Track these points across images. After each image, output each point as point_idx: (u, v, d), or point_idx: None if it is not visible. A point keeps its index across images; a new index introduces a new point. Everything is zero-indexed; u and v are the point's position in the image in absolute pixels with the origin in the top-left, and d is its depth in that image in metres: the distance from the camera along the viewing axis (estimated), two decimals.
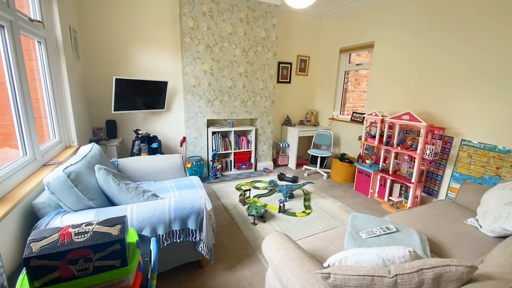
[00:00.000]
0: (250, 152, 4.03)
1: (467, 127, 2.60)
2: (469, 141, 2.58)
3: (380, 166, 3.15)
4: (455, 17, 2.61)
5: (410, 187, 2.79)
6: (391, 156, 3.01)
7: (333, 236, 1.59)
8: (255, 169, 4.15)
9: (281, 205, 2.74)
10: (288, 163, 4.45)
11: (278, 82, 4.34)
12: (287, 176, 3.71)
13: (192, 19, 3.21)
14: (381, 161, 3.14)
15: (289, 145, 4.36)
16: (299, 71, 4.51)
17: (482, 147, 2.48)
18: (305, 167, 4.18)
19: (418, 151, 2.67)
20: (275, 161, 4.47)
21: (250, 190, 3.03)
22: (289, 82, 4.46)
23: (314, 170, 4.09)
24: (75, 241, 0.85)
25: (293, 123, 4.52)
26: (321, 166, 4.22)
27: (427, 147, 2.63)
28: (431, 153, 2.61)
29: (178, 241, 1.55)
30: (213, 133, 3.70)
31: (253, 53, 3.70)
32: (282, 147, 4.42)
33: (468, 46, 2.53)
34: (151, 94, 3.26)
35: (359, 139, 3.46)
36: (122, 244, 0.89)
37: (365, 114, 3.52)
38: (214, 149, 3.72)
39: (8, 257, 1.20)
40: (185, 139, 3.58)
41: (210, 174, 3.72)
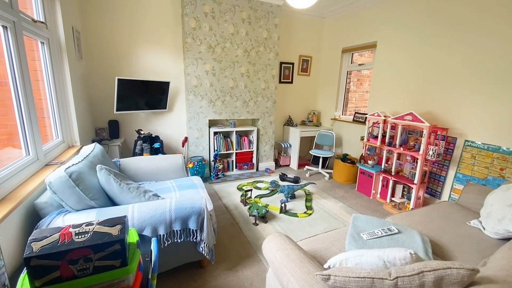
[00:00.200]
0: (251, 152, 4.03)
1: (470, 128, 2.57)
2: (473, 142, 2.56)
3: (382, 166, 3.13)
4: (458, 17, 2.59)
5: (412, 188, 2.77)
6: (394, 156, 2.99)
7: (334, 237, 1.58)
8: (257, 169, 4.14)
9: (283, 205, 2.74)
10: (290, 164, 4.44)
11: (280, 82, 4.33)
12: (288, 176, 3.71)
13: (194, 20, 3.22)
14: (383, 162, 3.12)
15: (291, 146, 4.35)
16: (301, 71, 4.50)
17: (485, 148, 2.46)
18: (307, 167, 4.17)
19: (420, 151, 2.65)
20: (276, 162, 4.46)
21: (251, 190, 3.03)
22: (291, 82, 4.45)
23: (316, 170, 4.08)
24: (76, 241, 0.85)
25: (295, 123, 4.51)
26: (323, 166, 4.21)
27: (430, 148, 2.61)
28: (434, 153, 2.59)
29: (179, 241, 1.55)
30: (215, 133, 3.70)
31: (255, 53, 3.69)
32: (284, 147, 4.42)
33: (471, 46, 2.51)
34: (153, 94, 3.27)
35: (361, 139, 3.44)
36: (122, 244, 0.89)
37: (367, 114, 3.50)
38: (215, 149, 3.73)
39: (10, 256, 1.21)
40: (187, 139, 3.59)
41: (211, 174, 3.72)
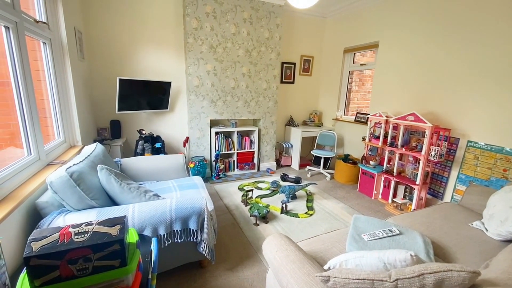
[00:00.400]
0: (253, 152, 4.02)
1: (473, 128, 2.55)
2: (476, 143, 2.53)
3: (384, 167, 3.12)
4: (460, 17, 2.57)
5: (414, 189, 2.75)
6: (396, 157, 2.97)
7: (335, 238, 1.57)
8: (258, 169, 4.14)
9: (284, 206, 2.73)
10: (291, 164, 4.43)
11: (281, 82, 4.33)
12: (290, 176, 3.70)
13: (195, 20, 3.22)
14: (385, 162, 3.11)
15: (292, 146, 4.35)
16: (303, 71, 4.49)
17: (489, 148, 2.44)
18: (308, 167, 4.16)
19: (423, 152, 2.63)
20: (278, 162, 4.46)
21: (252, 190, 3.03)
22: (293, 82, 4.44)
23: (317, 171, 4.06)
24: (75, 241, 0.85)
25: (297, 124, 4.50)
26: (325, 167, 4.20)
27: (432, 148, 2.59)
28: (436, 154, 2.57)
29: (179, 241, 1.55)
30: (216, 133, 3.70)
31: (256, 53, 3.69)
32: (285, 147, 4.41)
33: (473, 46, 2.49)
34: (154, 94, 3.28)
35: (363, 140, 3.42)
36: (121, 244, 0.89)
37: (369, 114, 3.49)
38: (217, 149, 3.73)
39: (11, 255, 1.22)
40: (188, 139, 3.59)
41: (213, 174, 3.72)
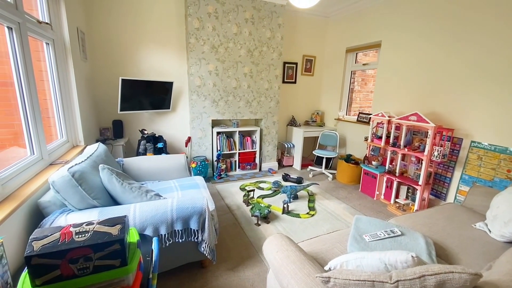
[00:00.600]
0: (254, 152, 4.02)
1: (477, 128, 2.53)
2: (479, 143, 2.51)
3: (386, 167, 3.10)
4: (463, 17, 2.54)
5: (417, 190, 2.73)
6: (398, 157, 2.95)
7: (336, 238, 1.57)
8: (260, 169, 4.14)
9: (285, 206, 2.73)
10: (293, 164, 4.42)
11: (283, 82, 4.32)
12: (291, 177, 3.69)
13: (197, 20, 3.23)
14: (387, 163, 3.09)
15: (294, 146, 4.34)
16: (305, 71, 4.48)
17: (492, 149, 2.41)
18: (310, 168, 4.15)
19: (425, 152, 2.61)
20: (280, 162, 4.45)
21: (254, 190, 3.03)
22: (295, 82, 4.43)
23: (319, 171, 4.05)
24: (76, 240, 0.86)
25: (298, 124, 4.49)
26: (327, 167, 4.18)
27: (435, 149, 2.57)
28: (439, 154, 2.55)
29: (180, 241, 1.55)
30: (218, 133, 3.71)
31: (258, 53, 3.69)
32: (287, 147, 4.40)
33: (477, 46, 2.46)
34: (157, 94, 3.29)
35: (365, 140, 3.41)
36: (122, 244, 0.89)
37: (371, 114, 3.47)
38: (218, 149, 3.73)
39: (13, 254, 1.23)
40: (190, 139, 3.60)
41: (214, 174, 3.73)
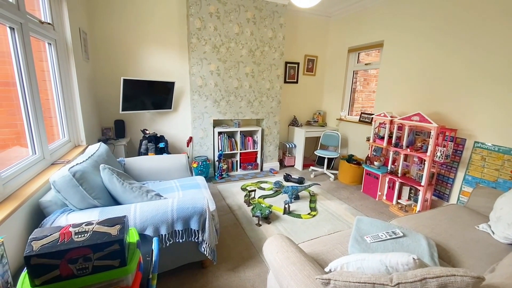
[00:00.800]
0: (256, 152, 4.01)
1: (480, 129, 2.50)
2: (483, 143, 2.48)
3: (388, 168, 3.08)
4: (466, 17, 2.52)
5: (419, 190, 2.71)
6: (400, 158, 2.93)
7: (337, 239, 1.56)
8: (261, 169, 4.13)
9: (286, 206, 2.72)
10: (294, 164, 4.41)
11: (285, 82, 4.31)
12: (293, 177, 3.68)
13: (199, 20, 3.23)
14: (389, 163, 3.07)
15: (295, 146, 4.32)
16: (307, 71, 4.47)
17: (496, 149, 2.38)
18: (312, 168, 4.14)
19: (428, 153, 2.59)
20: (281, 162, 4.44)
21: (255, 190, 3.02)
22: (296, 82, 4.42)
23: (321, 171, 4.04)
24: (75, 240, 0.86)
25: (300, 124, 4.47)
26: (328, 167, 4.17)
27: (438, 149, 2.55)
28: (442, 155, 2.53)
29: (180, 241, 1.55)
30: (219, 133, 3.71)
31: (259, 53, 3.68)
32: (288, 147, 4.39)
33: (480, 46, 2.44)
34: (158, 94, 3.30)
35: (367, 140, 3.39)
36: (121, 244, 0.89)
37: (373, 114, 3.45)
38: (220, 149, 3.73)
39: (14, 254, 1.23)
40: (191, 139, 3.60)
41: (216, 174, 3.73)
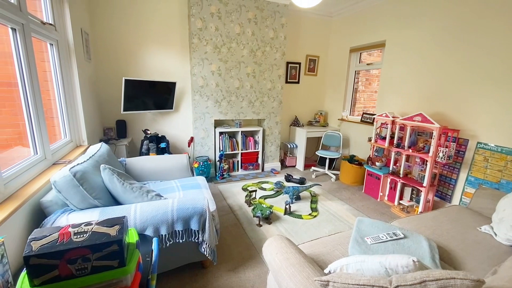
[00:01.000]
0: (257, 152, 4.01)
1: (483, 129, 2.48)
2: (486, 144, 2.46)
3: (390, 168, 3.06)
4: (468, 18, 2.50)
5: (421, 191, 2.69)
6: (402, 158, 2.91)
7: (338, 240, 1.55)
8: (262, 170, 4.12)
9: (287, 207, 2.71)
10: (296, 164, 4.40)
11: (286, 82, 4.30)
12: (294, 177, 3.67)
13: (200, 20, 3.23)
14: (391, 164, 3.05)
15: (297, 146, 4.31)
16: (308, 71, 4.45)
17: (499, 150, 2.36)
18: (313, 168, 4.12)
19: (430, 153, 2.57)
20: (282, 162, 4.43)
21: (256, 191, 3.01)
22: (298, 82, 4.41)
23: (322, 171, 4.02)
24: (74, 240, 0.86)
25: (302, 124, 4.46)
26: (330, 167, 4.15)
27: (440, 150, 2.53)
28: (444, 156, 2.51)
29: (180, 241, 1.55)
30: (221, 133, 3.71)
31: (261, 53, 3.68)
32: (290, 148, 4.38)
33: (483, 47, 2.41)
34: (160, 94, 3.31)
35: (369, 140, 3.37)
36: (120, 244, 0.89)
37: (375, 115, 3.43)
38: (221, 149, 3.73)
39: (15, 253, 1.24)
40: (192, 139, 3.61)
41: (217, 174, 3.73)
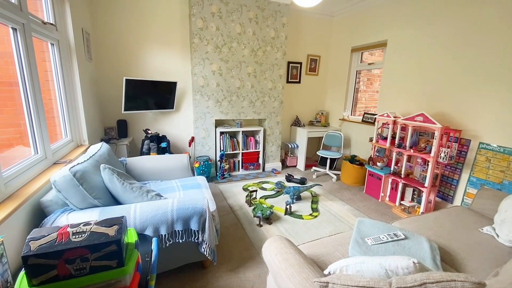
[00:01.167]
0: (258, 152, 4.01)
1: (485, 130, 2.46)
2: (488, 144, 2.44)
3: (391, 169, 3.05)
4: (470, 18, 2.48)
5: (423, 192, 2.68)
6: (404, 158, 2.90)
7: (338, 241, 1.54)
8: (263, 169, 4.12)
9: (288, 207, 2.70)
10: (296, 164, 4.39)
11: (287, 82, 4.29)
12: (295, 177, 3.66)
13: (201, 20, 3.23)
14: (393, 164, 3.03)
15: (298, 146, 4.30)
16: (309, 71, 4.44)
17: (501, 150, 2.34)
18: (314, 168, 4.11)
19: (432, 154, 2.56)
20: (283, 162, 4.42)
21: (256, 191, 3.01)
22: (299, 82, 4.40)
23: (323, 171, 4.01)
24: (73, 240, 0.86)
25: (303, 124, 4.45)
26: (331, 168, 4.14)
27: (442, 150, 2.51)
28: (446, 156, 2.49)
29: (180, 241, 1.55)
30: (221, 133, 3.70)
31: (262, 53, 3.67)
32: (290, 148, 4.37)
33: (485, 47, 2.39)
34: (160, 94, 3.31)
35: (370, 140, 3.36)
36: (118, 244, 0.89)
37: (377, 115, 3.41)
38: (222, 149, 3.73)
39: (15, 253, 1.24)
40: (193, 139, 3.60)
41: (217, 174, 3.72)
